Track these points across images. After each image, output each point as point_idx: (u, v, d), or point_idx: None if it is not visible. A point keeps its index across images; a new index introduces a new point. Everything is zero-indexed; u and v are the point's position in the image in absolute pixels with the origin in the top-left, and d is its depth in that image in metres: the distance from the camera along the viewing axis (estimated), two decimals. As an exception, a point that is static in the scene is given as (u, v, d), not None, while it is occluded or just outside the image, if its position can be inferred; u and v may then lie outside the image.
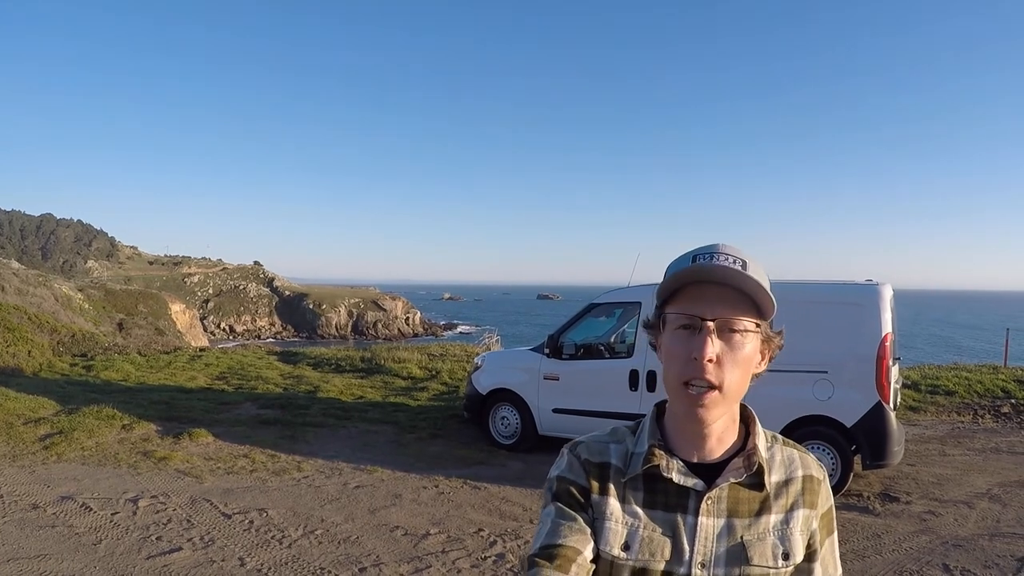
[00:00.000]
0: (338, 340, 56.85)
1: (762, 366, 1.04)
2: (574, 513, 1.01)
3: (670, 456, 1.03)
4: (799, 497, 1.04)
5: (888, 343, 5.95)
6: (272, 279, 75.90)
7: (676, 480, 1.01)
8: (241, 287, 73.66)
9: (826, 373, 6.02)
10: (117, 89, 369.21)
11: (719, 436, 1.03)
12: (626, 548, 1.00)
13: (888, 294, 6.19)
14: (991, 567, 4.50)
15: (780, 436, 1.11)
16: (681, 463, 1.02)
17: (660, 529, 1.00)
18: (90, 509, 5.31)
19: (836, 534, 1.11)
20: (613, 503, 1.02)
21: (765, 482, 1.02)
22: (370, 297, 70.60)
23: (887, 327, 5.97)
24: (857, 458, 6.15)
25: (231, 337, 62.28)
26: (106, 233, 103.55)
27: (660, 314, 1.04)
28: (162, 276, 75.99)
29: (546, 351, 7.47)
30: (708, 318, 0.96)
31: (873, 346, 5.94)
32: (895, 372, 6.35)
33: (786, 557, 1.01)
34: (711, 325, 0.96)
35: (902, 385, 9.20)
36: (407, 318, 69.65)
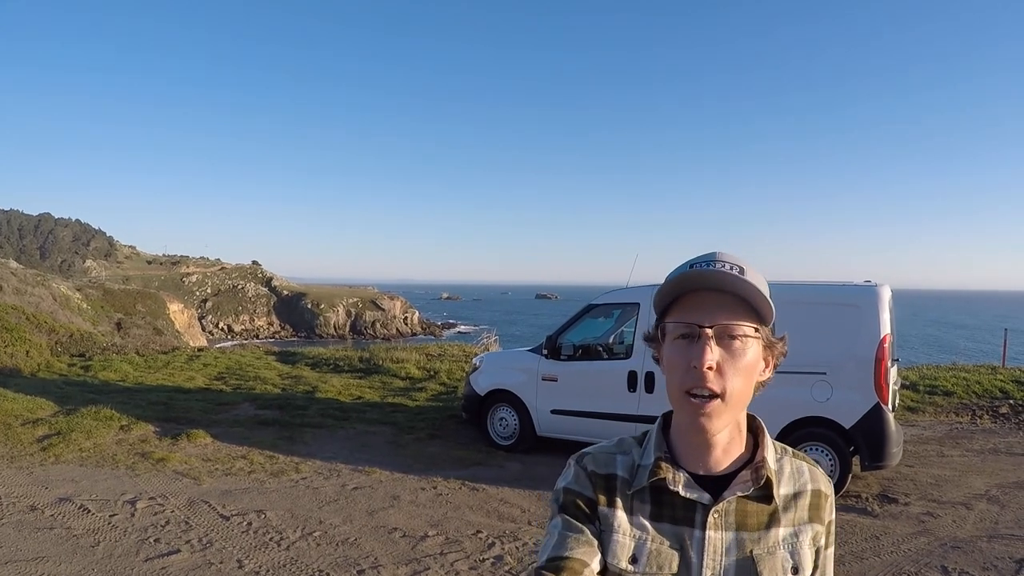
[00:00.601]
0: (336, 340, 56.78)
1: (767, 373, 1.02)
2: (581, 525, 1.00)
3: (676, 469, 1.02)
4: (808, 511, 1.04)
5: (887, 344, 5.95)
6: (270, 279, 75.79)
7: (683, 494, 1.00)
8: (239, 287, 73.55)
9: (825, 374, 6.02)
10: (116, 89, 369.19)
11: (725, 447, 1.02)
12: (633, 561, 0.99)
13: (886, 295, 6.20)
14: (989, 569, 4.50)
15: (790, 448, 1.09)
16: (687, 476, 1.01)
17: (668, 542, 1.00)
18: (88, 511, 5.30)
19: (833, 548, 1.11)
20: (620, 515, 1.01)
21: (774, 495, 1.01)
22: (368, 297, 70.53)
23: (886, 328, 5.97)
24: (856, 459, 6.16)
25: (229, 337, 62.24)
26: (104, 232, 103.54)
27: (659, 325, 1.03)
28: (160, 276, 75.83)
29: (544, 352, 7.46)
30: (706, 325, 0.95)
31: (872, 347, 5.94)
32: (894, 373, 6.35)
33: (796, 572, 1.00)
34: (709, 332, 0.95)
35: (900, 386, 9.20)
36: (405, 318, 69.60)
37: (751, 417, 1.06)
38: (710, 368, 0.94)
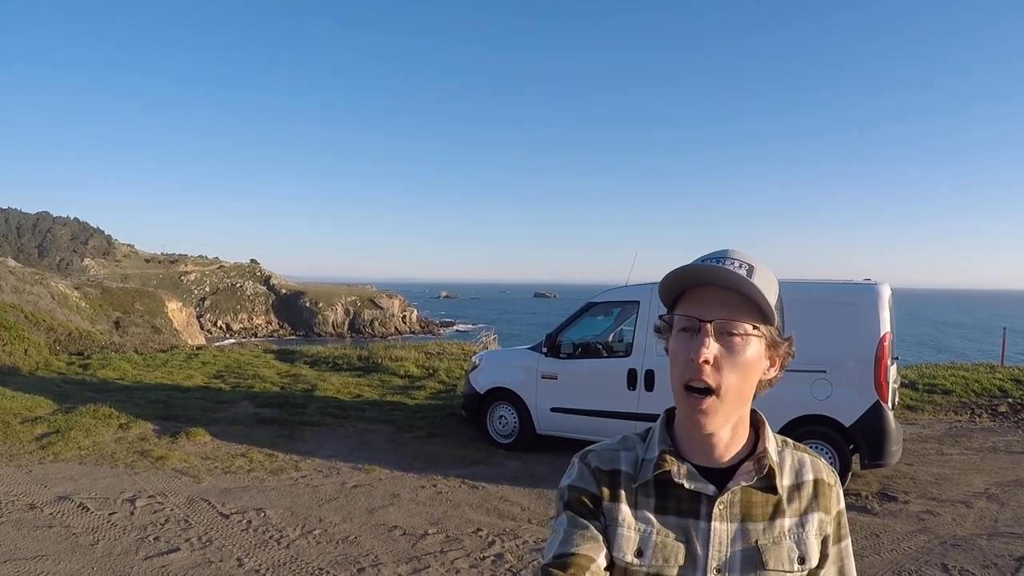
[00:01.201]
0: (335, 338, 56.80)
1: (771, 372, 1.03)
2: (586, 521, 1.01)
3: (680, 461, 1.02)
4: (812, 501, 1.04)
5: (887, 343, 5.96)
6: (269, 277, 75.72)
7: (687, 485, 1.01)
8: (238, 285, 73.47)
9: (824, 372, 6.02)
10: (114, 88, 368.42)
11: (727, 441, 1.03)
12: (639, 554, 0.99)
13: (886, 293, 6.20)
14: (989, 567, 4.51)
15: (791, 440, 1.10)
16: (692, 468, 1.02)
17: (673, 535, 1.00)
18: (87, 509, 5.29)
19: (849, 541, 1.10)
20: (625, 510, 1.02)
21: (777, 485, 1.02)
22: (367, 295, 70.50)
23: (885, 326, 5.98)
24: (855, 457, 6.16)
25: (228, 335, 62.14)
26: (103, 231, 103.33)
27: (667, 317, 1.04)
28: (159, 274, 75.69)
29: (544, 350, 7.46)
30: (706, 319, 0.96)
31: (871, 346, 5.94)
32: (893, 372, 6.36)
33: (802, 561, 1.01)
34: (708, 327, 0.96)
35: (900, 384, 9.21)
36: (404, 316, 69.57)
37: (752, 411, 1.06)
38: (706, 362, 0.95)
